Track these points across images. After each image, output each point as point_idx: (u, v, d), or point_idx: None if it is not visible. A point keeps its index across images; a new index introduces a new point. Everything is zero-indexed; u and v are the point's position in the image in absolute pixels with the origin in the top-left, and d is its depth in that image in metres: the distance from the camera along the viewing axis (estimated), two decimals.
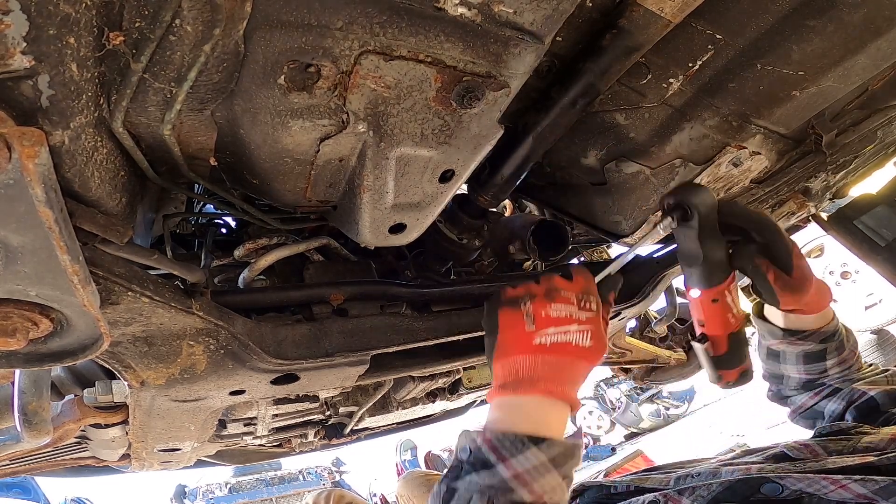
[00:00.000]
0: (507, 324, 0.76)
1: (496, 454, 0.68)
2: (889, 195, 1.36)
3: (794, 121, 0.87)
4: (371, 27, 0.52)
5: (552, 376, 0.73)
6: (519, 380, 0.73)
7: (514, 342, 0.74)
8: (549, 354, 0.73)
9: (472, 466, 0.70)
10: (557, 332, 0.73)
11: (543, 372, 0.72)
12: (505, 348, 0.75)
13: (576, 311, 0.75)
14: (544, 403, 0.73)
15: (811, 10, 0.69)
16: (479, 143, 0.71)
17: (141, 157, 0.60)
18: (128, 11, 0.45)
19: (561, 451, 0.69)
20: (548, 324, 0.73)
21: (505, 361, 0.75)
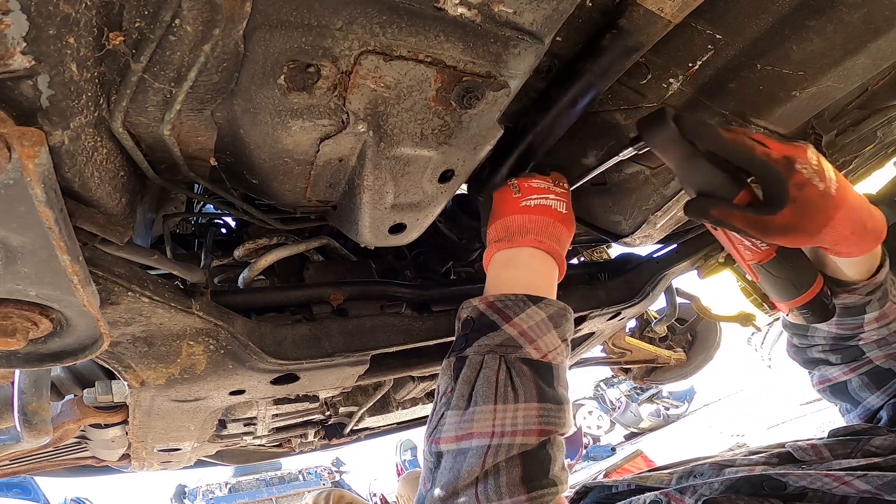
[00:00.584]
0: (499, 197, 0.85)
1: (500, 314, 0.73)
2: (889, 195, 1.36)
3: (794, 121, 0.87)
4: (371, 27, 0.52)
5: (539, 230, 0.80)
6: (511, 233, 0.80)
7: (504, 207, 0.83)
8: (534, 214, 0.81)
9: (477, 332, 0.73)
10: (539, 198, 0.82)
11: (531, 226, 0.80)
12: (497, 213, 0.84)
13: (551, 184, 0.85)
14: (536, 256, 0.80)
15: (811, 10, 0.69)
16: (479, 143, 0.71)
17: (141, 157, 0.60)
18: (128, 11, 0.45)
19: (556, 309, 0.75)
20: (531, 192, 0.82)
21: (498, 223, 0.83)
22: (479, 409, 0.67)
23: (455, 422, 0.68)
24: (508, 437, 0.65)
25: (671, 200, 0.94)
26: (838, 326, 0.89)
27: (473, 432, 0.66)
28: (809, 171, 0.67)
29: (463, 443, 0.66)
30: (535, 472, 0.64)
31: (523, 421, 0.66)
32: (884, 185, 1.39)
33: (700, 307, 1.87)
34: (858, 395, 0.91)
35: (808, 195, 0.67)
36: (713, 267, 1.38)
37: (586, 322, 1.23)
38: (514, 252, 0.80)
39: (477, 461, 0.64)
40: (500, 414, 0.66)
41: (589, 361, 2.06)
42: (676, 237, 1.30)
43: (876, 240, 0.74)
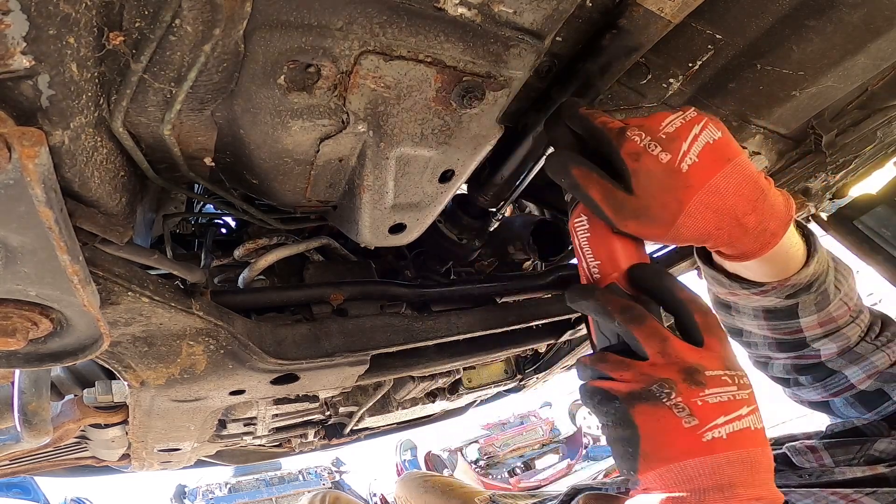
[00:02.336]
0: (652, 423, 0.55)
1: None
2: (889, 195, 1.36)
3: (794, 121, 0.87)
4: (371, 27, 0.52)
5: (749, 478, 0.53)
6: (702, 488, 0.53)
7: (673, 443, 0.54)
8: (732, 451, 0.53)
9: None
10: (729, 421, 0.54)
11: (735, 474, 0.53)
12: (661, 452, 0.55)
13: (735, 391, 0.55)
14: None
15: (811, 10, 0.69)
16: (479, 143, 0.71)
17: (141, 157, 0.60)
18: (128, 11, 0.45)
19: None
20: (713, 413, 0.53)
21: (667, 468, 0.54)
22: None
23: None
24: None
25: None
26: (774, 331, 0.76)
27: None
28: (644, 139, 0.56)
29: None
30: None
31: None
32: (884, 185, 1.39)
33: None
34: (843, 414, 0.80)
35: (646, 167, 0.56)
36: None
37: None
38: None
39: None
40: None
41: None
42: None
43: (764, 243, 0.59)
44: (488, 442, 9.40)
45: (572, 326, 1.26)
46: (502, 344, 1.20)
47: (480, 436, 9.65)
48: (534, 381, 1.76)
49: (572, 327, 1.26)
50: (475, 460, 8.96)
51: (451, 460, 8.70)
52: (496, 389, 1.75)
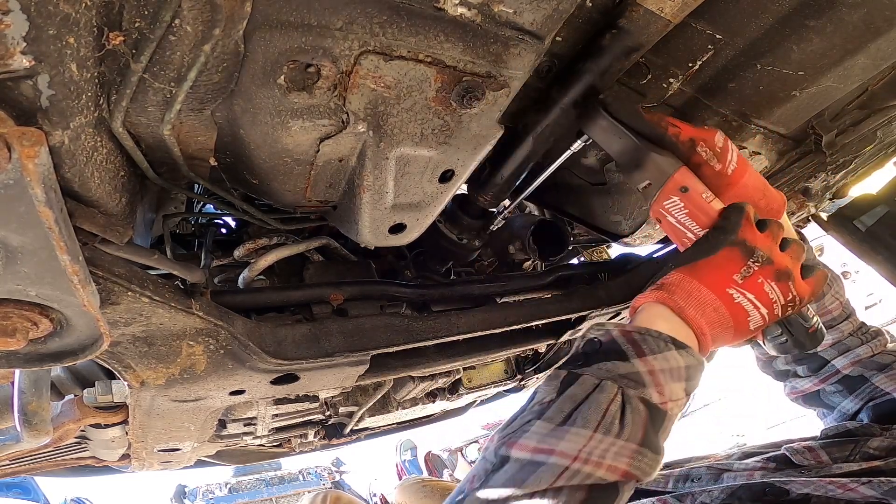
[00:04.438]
0: (724, 258, 0.71)
1: (635, 347, 0.66)
2: (889, 195, 1.36)
3: (794, 121, 0.87)
4: (371, 27, 0.52)
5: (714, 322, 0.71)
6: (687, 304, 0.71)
7: (712, 275, 0.71)
8: (727, 309, 0.70)
9: (603, 356, 0.67)
10: (750, 302, 0.70)
11: (709, 315, 0.71)
12: (700, 272, 0.72)
13: (781, 302, 0.71)
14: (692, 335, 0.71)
15: (811, 10, 0.69)
16: (479, 143, 0.71)
17: (141, 157, 0.60)
18: (128, 11, 0.45)
19: (696, 363, 0.68)
20: (753, 290, 0.70)
21: (690, 280, 0.72)
22: (574, 429, 0.62)
23: (541, 432, 0.63)
24: (591, 466, 0.60)
25: None
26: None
27: (556, 449, 0.60)
28: (709, 154, 0.74)
29: (539, 455, 0.61)
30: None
31: (614, 456, 0.61)
32: (884, 185, 1.39)
33: None
34: (832, 401, 0.92)
35: (704, 174, 0.74)
36: None
37: (586, 322, 1.23)
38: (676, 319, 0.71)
39: (547, 478, 0.59)
40: (595, 443, 0.61)
41: None
42: None
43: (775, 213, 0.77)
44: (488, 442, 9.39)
45: (572, 326, 1.26)
46: (502, 344, 1.20)
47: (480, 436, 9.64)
48: (534, 381, 1.76)
49: (572, 327, 1.26)
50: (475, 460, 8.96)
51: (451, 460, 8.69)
52: (496, 389, 1.75)
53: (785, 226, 0.76)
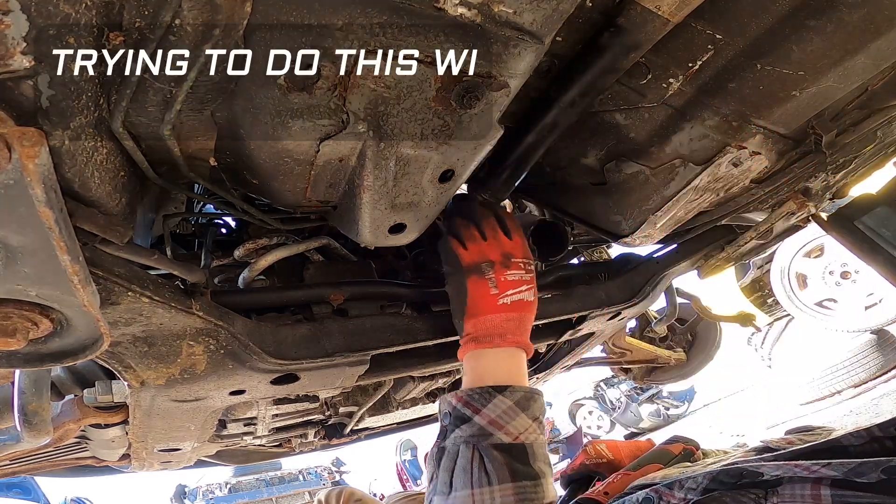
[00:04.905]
0: (475, 289, 0.89)
1: (470, 408, 0.80)
2: (889, 195, 1.36)
3: (794, 121, 0.87)
4: (371, 27, 0.52)
5: (516, 329, 0.89)
6: (490, 334, 0.88)
7: (483, 304, 0.89)
8: (511, 312, 0.89)
9: (453, 425, 0.81)
10: (515, 293, 0.89)
11: (509, 327, 0.88)
12: (476, 309, 0.89)
13: (524, 273, 0.91)
14: (510, 353, 0.89)
15: (811, 10, 0.68)
16: (479, 143, 0.71)
17: (141, 157, 0.60)
18: (128, 11, 0.45)
19: (522, 394, 0.82)
20: (507, 287, 0.89)
21: (476, 320, 0.89)
22: (458, 494, 0.74)
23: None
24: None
25: (671, 200, 0.94)
26: None
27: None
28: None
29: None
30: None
31: (501, 501, 0.73)
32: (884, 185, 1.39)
33: (700, 307, 1.86)
34: None
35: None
36: (713, 267, 1.38)
37: (586, 322, 1.23)
38: (492, 353, 0.88)
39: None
40: (478, 497, 0.73)
41: (589, 361, 2.05)
42: (676, 237, 1.30)
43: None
44: None
45: (572, 326, 1.26)
46: None
47: None
48: (534, 380, 1.76)
49: (572, 327, 1.26)
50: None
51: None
52: None
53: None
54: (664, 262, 1.31)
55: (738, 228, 1.32)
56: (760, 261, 4.66)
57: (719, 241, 1.32)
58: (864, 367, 4.32)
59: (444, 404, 0.85)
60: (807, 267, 4.29)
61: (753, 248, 1.34)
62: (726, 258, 1.34)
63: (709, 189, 0.94)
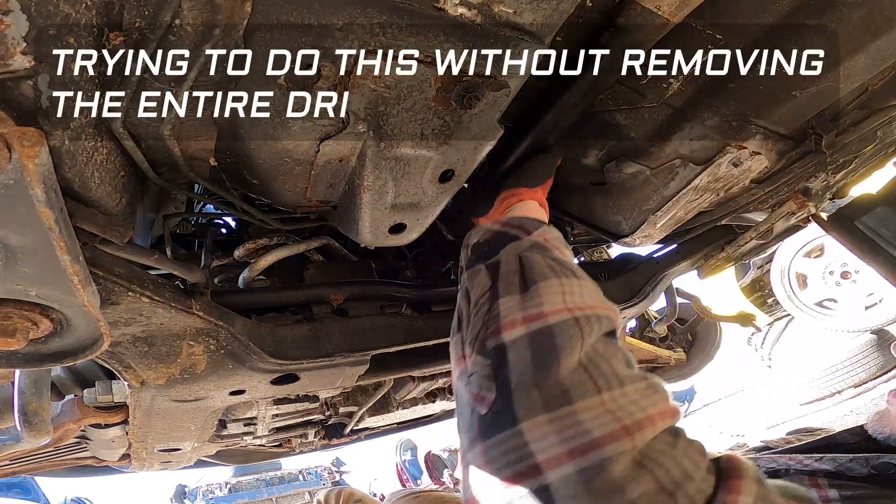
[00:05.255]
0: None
1: (520, 229, 0.71)
2: (889, 195, 1.35)
3: (794, 121, 0.87)
4: (371, 27, 0.52)
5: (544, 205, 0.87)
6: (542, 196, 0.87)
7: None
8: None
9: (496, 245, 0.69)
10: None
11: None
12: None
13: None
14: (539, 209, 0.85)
15: (811, 10, 0.69)
16: (479, 144, 0.71)
17: (141, 157, 0.60)
18: (128, 11, 0.45)
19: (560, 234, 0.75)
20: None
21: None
22: (542, 285, 0.59)
23: (515, 304, 0.58)
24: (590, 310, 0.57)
25: (671, 200, 0.94)
26: None
27: (545, 310, 0.56)
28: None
29: (535, 323, 0.55)
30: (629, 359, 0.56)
31: (591, 298, 0.59)
32: (884, 185, 1.39)
33: (700, 307, 1.86)
34: None
35: None
36: (713, 267, 1.38)
37: None
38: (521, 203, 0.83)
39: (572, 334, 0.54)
40: (567, 287, 0.59)
41: None
42: (676, 237, 1.30)
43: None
44: None
45: None
46: None
47: None
48: None
49: None
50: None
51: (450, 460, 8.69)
52: None
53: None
54: (664, 262, 1.31)
55: (738, 228, 1.32)
56: (760, 261, 4.66)
57: (719, 241, 1.32)
58: (864, 367, 4.32)
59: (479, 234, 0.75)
60: (807, 267, 4.29)
61: (753, 248, 1.33)
62: (726, 258, 1.34)
63: (709, 189, 0.94)
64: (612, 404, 0.49)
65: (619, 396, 0.50)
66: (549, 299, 0.57)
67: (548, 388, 0.50)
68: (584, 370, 0.52)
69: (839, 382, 4.43)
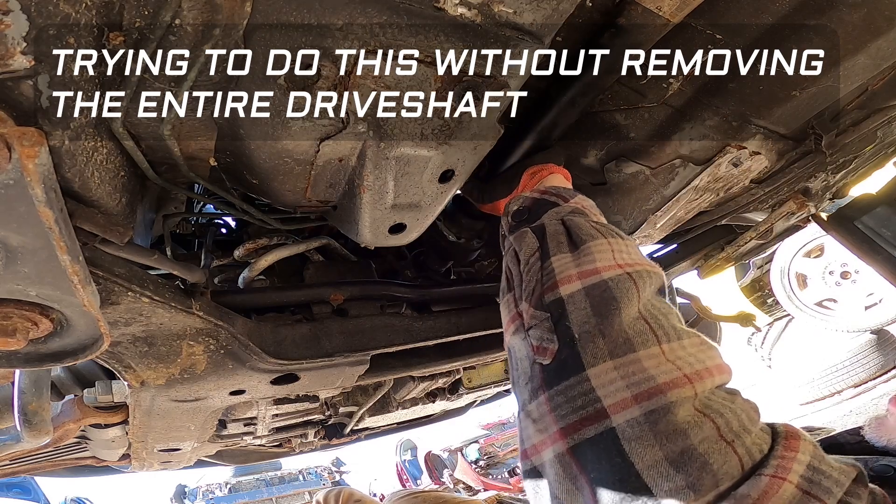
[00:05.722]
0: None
1: (559, 197, 0.72)
2: (889, 195, 1.36)
3: (794, 121, 0.87)
4: (371, 27, 0.52)
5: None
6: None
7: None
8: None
9: (539, 212, 0.70)
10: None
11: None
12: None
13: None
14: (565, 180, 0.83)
15: (811, 10, 0.69)
16: (479, 143, 0.71)
17: (141, 157, 0.60)
18: (128, 11, 0.45)
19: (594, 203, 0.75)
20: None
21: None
22: (592, 244, 0.60)
23: (568, 261, 0.60)
24: (640, 266, 0.59)
25: (671, 200, 0.94)
26: None
27: (598, 266, 0.58)
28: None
29: (590, 278, 0.57)
30: (680, 315, 0.59)
31: (638, 256, 0.61)
32: (884, 185, 1.39)
33: (700, 307, 1.86)
34: None
35: None
36: (713, 267, 1.38)
37: None
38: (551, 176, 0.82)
39: (628, 286, 0.56)
40: (616, 246, 0.60)
41: None
42: (676, 237, 1.30)
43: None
44: (488, 442, 9.39)
45: None
46: (502, 344, 1.20)
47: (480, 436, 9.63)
48: None
49: None
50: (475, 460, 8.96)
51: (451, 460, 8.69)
52: (496, 389, 1.75)
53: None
54: (664, 262, 1.31)
55: (738, 228, 1.32)
56: (760, 261, 4.66)
57: (719, 241, 1.32)
58: (864, 367, 4.32)
59: (519, 202, 0.75)
60: (807, 267, 4.29)
61: (753, 248, 1.34)
62: (726, 258, 1.34)
63: (709, 189, 0.94)
64: (671, 354, 0.51)
65: (677, 348, 0.52)
66: (600, 256, 0.59)
67: (612, 335, 0.52)
68: (644, 321, 0.54)
69: (839, 382, 4.43)
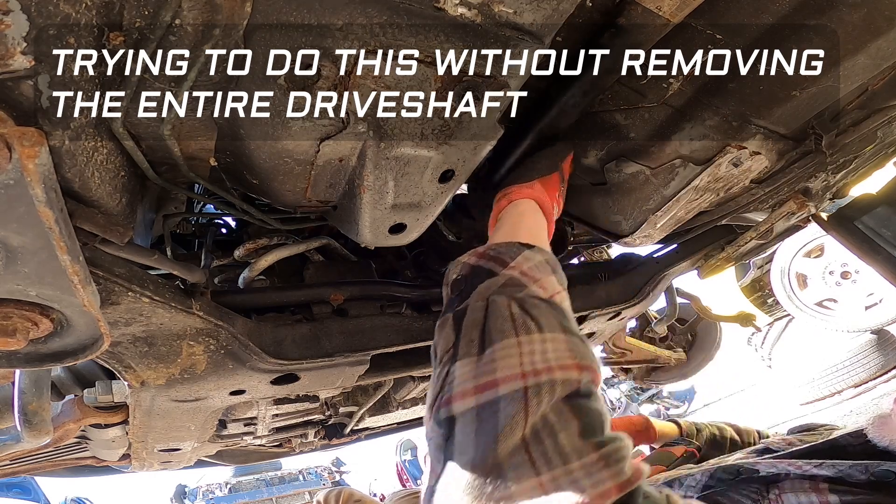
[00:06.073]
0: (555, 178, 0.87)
1: (496, 262, 0.66)
2: (889, 195, 1.35)
3: (794, 121, 0.87)
4: (371, 27, 0.52)
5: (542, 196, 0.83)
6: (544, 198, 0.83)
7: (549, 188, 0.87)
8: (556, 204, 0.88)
9: (473, 284, 0.65)
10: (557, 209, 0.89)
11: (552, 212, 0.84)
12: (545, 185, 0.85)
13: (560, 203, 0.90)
14: (533, 209, 0.80)
15: (811, 10, 0.69)
16: (479, 143, 0.71)
17: (141, 157, 0.60)
18: (128, 11, 0.45)
19: (550, 256, 0.70)
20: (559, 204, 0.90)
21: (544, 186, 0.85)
22: (498, 346, 0.55)
23: (470, 371, 0.55)
24: (545, 374, 0.53)
25: (671, 200, 0.94)
26: None
27: (498, 378, 0.53)
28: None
29: (486, 393, 0.53)
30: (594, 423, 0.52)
31: (554, 354, 0.55)
32: (884, 185, 1.39)
33: (700, 307, 1.87)
34: None
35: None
36: (713, 267, 1.38)
37: (586, 322, 1.23)
38: (511, 206, 0.80)
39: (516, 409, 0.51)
40: (527, 347, 0.55)
41: None
42: (676, 237, 1.30)
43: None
44: None
45: None
46: None
47: None
48: None
49: None
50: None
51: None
52: None
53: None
54: (664, 262, 1.31)
55: (738, 228, 1.32)
56: (760, 261, 4.66)
57: (719, 241, 1.32)
58: (864, 367, 4.32)
59: (456, 269, 0.69)
60: (807, 267, 4.29)
61: (753, 248, 1.34)
62: (726, 258, 1.34)
63: (709, 189, 0.94)
64: (550, 485, 0.48)
65: (560, 475, 0.48)
66: (503, 364, 0.54)
67: (485, 471, 0.49)
68: (525, 450, 0.50)
69: (839, 382, 4.43)
